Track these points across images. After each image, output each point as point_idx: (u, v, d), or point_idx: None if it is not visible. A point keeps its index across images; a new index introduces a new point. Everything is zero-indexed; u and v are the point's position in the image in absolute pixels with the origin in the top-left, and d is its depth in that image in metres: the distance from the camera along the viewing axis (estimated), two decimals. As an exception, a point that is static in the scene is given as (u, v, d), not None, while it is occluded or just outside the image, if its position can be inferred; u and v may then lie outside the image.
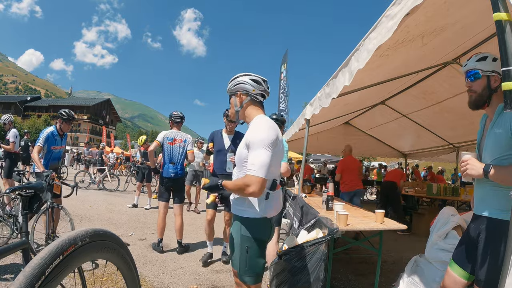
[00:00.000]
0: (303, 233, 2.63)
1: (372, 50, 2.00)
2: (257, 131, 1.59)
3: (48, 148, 3.72)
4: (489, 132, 1.53)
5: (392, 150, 8.67)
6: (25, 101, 54.17)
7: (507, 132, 1.40)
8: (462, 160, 1.50)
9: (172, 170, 3.86)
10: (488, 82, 1.53)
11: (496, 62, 1.53)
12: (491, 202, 1.50)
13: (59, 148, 3.87)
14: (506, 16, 1.15)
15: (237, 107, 1.76)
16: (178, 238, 3.91)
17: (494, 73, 1.52)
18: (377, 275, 2.66)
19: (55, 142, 3.79)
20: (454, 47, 2.94)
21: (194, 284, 2.94)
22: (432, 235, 2.56)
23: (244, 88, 1.73)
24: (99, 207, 6.34)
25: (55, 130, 3.79)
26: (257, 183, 1.50)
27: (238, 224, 1.69)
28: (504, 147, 1.42)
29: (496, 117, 1.49)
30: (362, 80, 3.05)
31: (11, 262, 2.93)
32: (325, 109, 3.33)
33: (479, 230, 1.54)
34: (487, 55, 1.56)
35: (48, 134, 3.68)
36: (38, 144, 3.63)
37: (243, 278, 1.66)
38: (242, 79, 1.75)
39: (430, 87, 4.33)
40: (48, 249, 0.74)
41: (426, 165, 14.75)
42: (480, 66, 1.54)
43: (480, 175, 1.41)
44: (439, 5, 1.86)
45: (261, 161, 1.51)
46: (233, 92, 1.77)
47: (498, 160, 1.43)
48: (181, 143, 3.92)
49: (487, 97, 1.54)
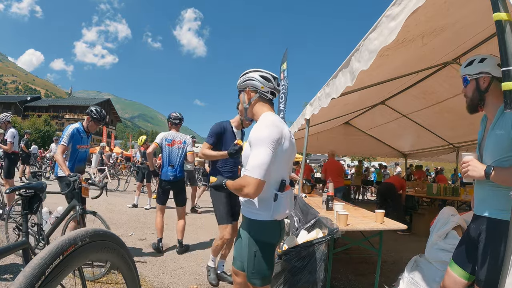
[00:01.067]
0: (303, 233, 2.63)
1: (376, 51, 1.97)
2: (258, 129, 1.52)
3: (74, 147, 3.27)
4: (489, 133, 1.52)
5: (392, 150, 8.68)
6: (25, 101, 54.17)
7: (508, 133, 1.40)
8: (463, 161, 1.49)
9: (171, 173, 3.78)
10: (477, 84, 1.56)
11: (484, 62, 1.54)
12: (491, 202, 1.50)
13: (85, 148, 3.43)
14: (506, 16, 1.15)
15: (245, 104, 1.70)
16: (179, 238, 3.90)
17: (482, 74, 1.54)
18: (377, 275, 2.66)
19: (81, 140, 3.33)
20: (454, 47, 2.94)
21: (194, 284, 2.94)
22: (432, 235, 2.56)
23: (253, 84, 1.67)
24: (99, 207, 6.33)
25: (81, 126, 3.33)
26: (252, 184, 1.44)
27: (247, 226, 1.65)
28: (505, 148, 1.42)
29: (497, 118, 1.49)
30: (362, 80, 3.05)
31: (11, 262, 2.93)
32: (325, 109, 3.33)
33: (480, 230, 1.54)
34: (474, 58, 1.59)
35: (73, 130, 3.22)
36: (62, 143, 3.17)
37: (251, 280, 1.64)
38: (251, 75, 1.69)
39: (430, 87, 4.33)
40: (48, 249, 0.74)
41: (426, 165, 14.75)
42: (467, 71, 1.59)
43: (481, 177, 1.41)
44: (439, 5, 1.86)
45: (258, 161, 1.45)
46: (242, 88, 1.72)
47: (499, 162, 1.43)
48: (180, 145, 3.86)
49: (478, 99, 1.57)
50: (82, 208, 2.82)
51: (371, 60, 2.06)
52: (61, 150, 3.12)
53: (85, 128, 3.36)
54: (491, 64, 1.53)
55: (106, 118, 3.41)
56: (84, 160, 3.46)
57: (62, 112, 54.36)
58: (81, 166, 3.43)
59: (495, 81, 1.52)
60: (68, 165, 3.18)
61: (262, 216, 1.59)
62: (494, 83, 1.52)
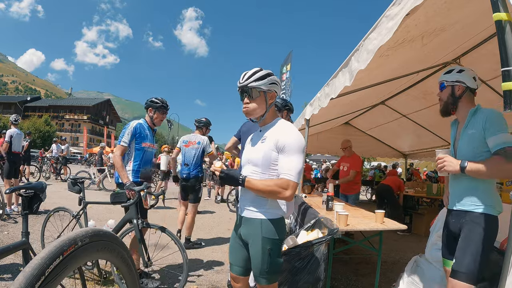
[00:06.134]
0: (303, 233, 2.63)
1: (374, 51, 1.99)
2: (292, 136, 1.58)
3: (139, 145, 2.73)
4: (462, 134, 1.70)
5: (392, 150, 8.68)
6: (25, 101, 54.20)
7: (480, 131, 1.57)
8: (438, 158, 1.64)
9: (185, 171, 4.10)
10: (452, 91, 1.76)
11: (461, 73, 1.75)
12: (470, 197, 1.62)
13: (152, 147, 2.90)
14: (506, 16, 1.15)
15: (268, 107, 1.66)
16: (186, 235, 4.11)
17: (458, 83, 1.74)
18: (377, 275, 2.66)
19: (147, 138, 2.81)
20: (454, 47, 2.94)
21: (194, 284, 2.94)
22: (433, 235, 2.57)
23: (276, 89, 1.67)
24: (99, 207, 6.32)
25: (144, 122, 2.87)
26: (294, 188, 1.53)
27: (256, 227, 1.62)
28: (477, 147, 1.59)
29: (468, 120, 1.67)
30: (362, 80, 3.05)
31: (11, 262, 2.93)
32: (325, 109, 3.33)
33: (460, 225, 1.65)
34: (454, 68, 1.80)
35: (136, 126, 2.74)
36: (122, 143, 2.66)
37: (261, 280, 1.63)
38: (275, 79, 1.67)
39: (430, 87, 4.33)
40: (48, 249, 0.74)
41: (426, 165, 14.75)
42: (446, 78, 1.79)
43: (457, 171, 1.56)
44: (439, 5, 1.86)
45: (297, 167, 1.54)
46: (266, 90, 1.63)
47: (473, 159, 1.57)
48: (194, 145, 4.14)
49: (452, 103, 1.77)
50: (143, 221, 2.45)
51: (369, 60, 2.07)
52: (120, 152, 2.64)
53: (149, 123, 2.90)
54: (467, 76, 1.73)
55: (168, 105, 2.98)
56: (150, 162, 2.90)
57: (62, 112, 54.43)
58: (148, 170, 2.87)
59: (468, 91, 1.74)
60: (134, 167, 2.71)
61: (276, 214, 1.64)
62: (467, 93, 1.74)
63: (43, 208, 5.01)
